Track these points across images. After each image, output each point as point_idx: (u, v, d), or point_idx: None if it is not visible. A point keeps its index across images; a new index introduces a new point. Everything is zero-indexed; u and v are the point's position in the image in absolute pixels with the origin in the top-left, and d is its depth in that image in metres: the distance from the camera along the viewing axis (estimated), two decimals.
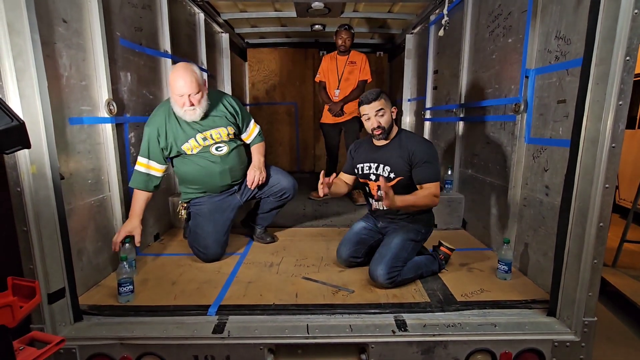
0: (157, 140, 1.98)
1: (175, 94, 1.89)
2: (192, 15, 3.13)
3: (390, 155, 1.88)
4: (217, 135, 2.07)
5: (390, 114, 1.86)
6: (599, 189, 1.33)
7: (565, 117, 1.63)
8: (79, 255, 1.68)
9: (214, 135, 2.06)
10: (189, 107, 1.91)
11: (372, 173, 1.93)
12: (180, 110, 1.93)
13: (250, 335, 1.42)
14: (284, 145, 5.04)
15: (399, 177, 1.86)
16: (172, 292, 1.73)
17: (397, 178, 1.86)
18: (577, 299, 1.41)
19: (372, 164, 1.93)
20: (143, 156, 2.00)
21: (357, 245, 1.97)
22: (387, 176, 1.88)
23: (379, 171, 1.90)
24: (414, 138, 1.90)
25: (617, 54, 1.25)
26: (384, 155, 1.89)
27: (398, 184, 1.85)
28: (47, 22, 1.50)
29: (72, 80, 1.65)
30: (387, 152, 1.89)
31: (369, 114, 1.83)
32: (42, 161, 1.34)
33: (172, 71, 1.94)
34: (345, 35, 3.24)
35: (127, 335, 1.41)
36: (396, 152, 1.86)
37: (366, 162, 1.95)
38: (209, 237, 2.08)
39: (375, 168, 1.91)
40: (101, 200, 1.86)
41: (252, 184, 2.17)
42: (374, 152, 1.93)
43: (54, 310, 1.41)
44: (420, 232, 1.92)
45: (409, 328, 1.45)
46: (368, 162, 1.94)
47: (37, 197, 1.33)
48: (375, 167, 1.91)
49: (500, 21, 2.16)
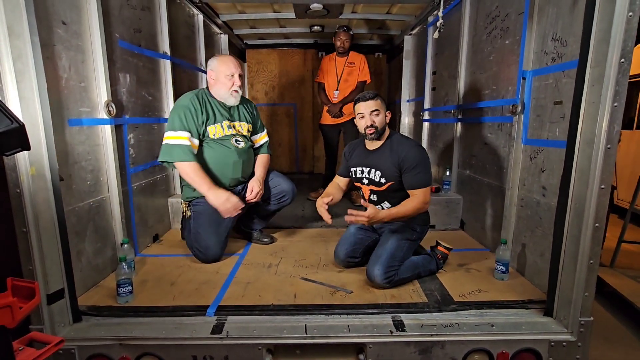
0: (195, 115, 2.04)
1: (225, 74, 2.09)
2: (191, 16, 3.14)
3: (381, 160, 1.88)
4: (239, 128, 2.21)
5: (384, 116, 1.86)
6: (595, 189, 1.34)
7: (561, 118, 1.64)
8: (78, 256, 1.69)
9: (237, 127, 2.20)
10: (237, 87, 2.12)
11: (364, 177, 1.94)
12: (226, 92, 2.12)
13: (249, 335, 1.43)
14: (283, 146, 5.05)
15: (390, 182, 1.86)
16: (171, 293, 1.73)
17: (387, 183, 1.87)
18: (574, 299, 1.42)
19: (364, 167, 1.94)
20: (182, 129, 1.99)
21: (355, 245, 1.97)
22: (378, 181, 1.88)
23: (370, 175, 1.91)
24: (405, 143, 1.87)
25: (612, 56, 1.26)
26: (375, 160, 1.90)
27: (389, 188, 1.87)
28: (47, 24, 1.50)
29: (72, 81, 1.66)
30: (378, 157, 1.89)
31: (364, 112, 1.84)
32: (42, 163, 1.35)
33: (215, 58, 2.16)
34: (343, 36, 3.25)
35: (126, 336, 1.42)
36: (387, 156, 1.86)
37: (359, 166, 1.96)
38: (211, 238, 2.08)
39: (367, 172, 1.92)
40: (100, 202, 1.87)
41: (251, 192, 2.19)
42: (366, 156, 1.94)
43: (53, 310, 1.41)
44: (416, 231, 1.93)
45: (406, 328, 1.46)
46: (360, 166, 1.95)
47: (36, 199, 1.34)
48: (367, 172, 1.92)
49: (498, 23, 2.17)
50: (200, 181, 2.01)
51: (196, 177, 2.00)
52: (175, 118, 2.02)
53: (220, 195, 2.02)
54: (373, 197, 1.95)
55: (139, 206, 2.24)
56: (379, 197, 1.93)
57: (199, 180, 2.01)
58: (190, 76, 3.12)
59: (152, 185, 2.43)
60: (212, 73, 2.14)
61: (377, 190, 1.92)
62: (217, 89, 2.15)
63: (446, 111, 2.97)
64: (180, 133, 1.99)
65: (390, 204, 1.91)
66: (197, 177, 2.00)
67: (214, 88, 2.16)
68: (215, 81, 2.13)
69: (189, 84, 3.07)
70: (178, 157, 1.99)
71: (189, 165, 2.00)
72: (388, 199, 1.91)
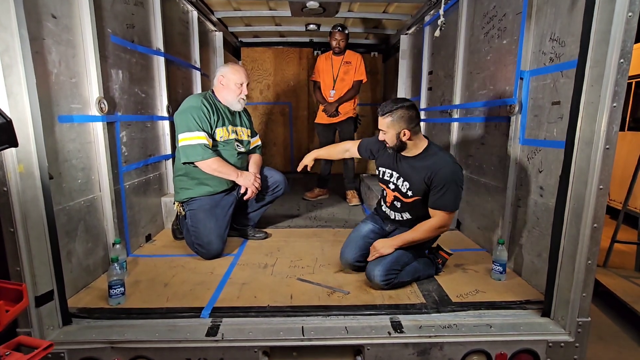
0: (208, 116, 2.11)
1: (236, 82, 2.19)
2: (186, 13, 3.09)
3: (412, 172, 1.76)
4: (240, 133, 2.32)
5: (394, 136, 1.69)
6: (593, 190, 1.34)
7: (559, 118, 1.64)
8: (69, 256, 1.64)
9: (239, 132, 2.31)
10: (244, 95, 2.23)
11: (391, 182, 1.86)
12: (234, 98, 2.21)
13: (245, 337, 1.40)
14: (278, 145, 5.02)
15: (416, 197, 1.77)
16: (164, 294, 1.70)
17: (414, 197, 1.78)
18: (572, 300, 1.42)
19: (394, 172, 1.83)
20: (198, 130, 2.06)
21: (364, 250, 1.87)
22: (405, 192, 1.80)
23: (398, 183, 1.82)
24: (441, 159, 1.71)
25: (611, 56, 1.26)
26: (407, 169, 1.78)
27: (414, 202, 1.80)
28: (36, 17, 1.46)
29: (62, 77, 1.61)
30: (410, 167, 1.77)
31: (379, 126, 1.74)
32: (30, 160, 1.31)
33: (227, 65, 2.26)
34: (339, 36, 3.23)
35: (118, 339, 1.38)
36: (418, 169, 1.73)
37: (388, 169, 1.86)
38: (212, 232, 2.10)
39: (396, 179, 1.83)
40: (91, 201, 1.82)
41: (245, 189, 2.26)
42: (399, 161, 1.81)
43: (42, 313, 1.37)
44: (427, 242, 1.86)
45: (404, 329, 1.44)
46: (390, 170, 1.85)
47: (24, 197, 1.30)
48: (396, 178, 1.83)
49: (495, 22, 2.17)
50: (229, 171, 2.16)
51: (224, 169, 2.13)
52: (189, 119, 2.06)
53: (248, 176, 2.24)
54: (396, 203, 1.87)
55: (131, 205, 2.19)
56: (402, 206, 1.85)
57: (228, 171, 2.15)
58: (185, 73, 3.07)
59: (145, 184, 2.39)
60: (223, 79, 2.21)
61: (401, 199, 1.84)
62: (225, 94, 2.22)
63: (442, 111, 2.97)
64: (197, 133, 2.06)
65: (411, 215, 1.85)
66: (225, 168, 2.14)
67: (221, 93, 2.23)
68: (225, 87, 2.21)
69: (183, 82, 3.03)
70: (202, 155, 2.07)
71: (214, 161, 2.10)
72: (410, 211, 1.84)
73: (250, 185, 2.22)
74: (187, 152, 2.07)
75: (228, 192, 2.26)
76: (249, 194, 2.24)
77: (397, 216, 1.91)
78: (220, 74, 2.22)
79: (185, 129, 2.06)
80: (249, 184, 2.22)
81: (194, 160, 2.07)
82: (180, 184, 2.21)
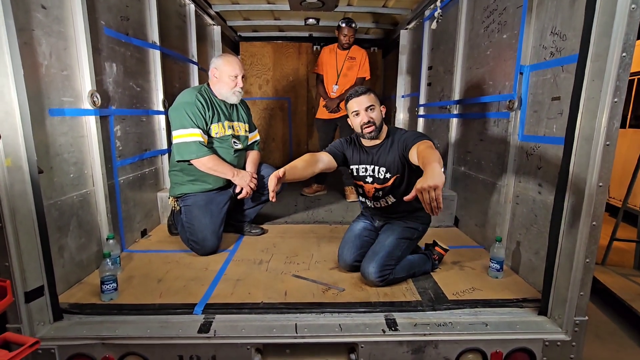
0: (202, 112, 2.06)
1: (229, 74, 2.12)
2: (182, 6, 3.05)
3: (386, 155, 1.80)
4: (237, 128, 2.25)
5: (379, 111, 1.79)
6: (593, 187, 1.31)
7: (559, 114, 1.61)
8: (60, 251, 1.62)
9: (236, 127, 2.24)
10: (239, 88, 2.15)
11: (367, 175, 1.87)
12: (229, 91, 2.15)
13: (237, 334, 1.38)
14: (277, 140, 4.98)
15: (395, 175, 1.80)
16: (157, 290, 1.68)
17: (392, 177, 1.80)
18: (569, 298, 1.40)
19: (367, 166, 1.86)
20: (193, 127, 2.01)
21: (361, 249, 1.87)
22: (383, 177, 1.82)
23: (375, 173, 1.84)
24: (406, 131, 1.82)
25: (613, 50, 1.23)
26: (379, 157, 1.82)
27: (394, 183, 1.81)
28: (24, 7, 1.42)
29: (53, 69, 1.58)
30: (381, 153, 1.82)
31: (358, 109, 1.75)
32: (18, 154, 1.28)
33: (220, 57, 2.17)
34: (348, 32, 3.17)
35: (110, 335, 1.36)
36: (389, 150, 1.80)
37: (362, 164, 1.88)
38: (207, 228, 2.08)
39: (371, 170, 1.85)
40: (84, 195, 1.80)
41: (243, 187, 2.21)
42: (368, 154, 1.86)
43: (32, 309, 1.35)
44: (417, 230, 1.89)
45: (399, 327, 1.42)
46: (364, 164, 1.87)
47: (12, 192, 1.27)
48: (371, 170, 1.85)
49: (495, 17, 2.13)
50: (225, 169, 2.11)
51: (220, 167, 2.09)
52: (183, 116, 2.01)
53: (245, 176, 2.18)
54: (378, 194, 1.88)
55: (126, 200, 2.17)
56: (384, 192, 1.87)
57: (223, 169, 2.11)
58: (181, 68, 3.03)
59: (141, 179, 2.36)
60: (216, 71, 2.15)
61: (381, 188, 1.85)
62: (219, 87, 2.17)
63: (442, 107, 2.94)
64: (191, 130, 2.02)
65: (394, 197, 1.85)
66: (220, 167, 2.09)
67: (216, 86, 2.18)
68: (218, 79, 2.16)
69: (180, 76, 2.99)
70: (197, 153, 2.03)
71: (209, 160, 2.05)
72: (393, 193, 1.85)
73: (245, 185, 2.17)
74: (182, 150, 2.03)
75: (224, 189, 2.23)
76: (243, 193, 2.19)
77: (382, 203, 1.90)
78: (214, 66, 2.16)
79: (180, 125, 2.02)
80: (244, 184, 2.17)
81: (189, 158, 2.04)
82: (176, 179, 2.19)
